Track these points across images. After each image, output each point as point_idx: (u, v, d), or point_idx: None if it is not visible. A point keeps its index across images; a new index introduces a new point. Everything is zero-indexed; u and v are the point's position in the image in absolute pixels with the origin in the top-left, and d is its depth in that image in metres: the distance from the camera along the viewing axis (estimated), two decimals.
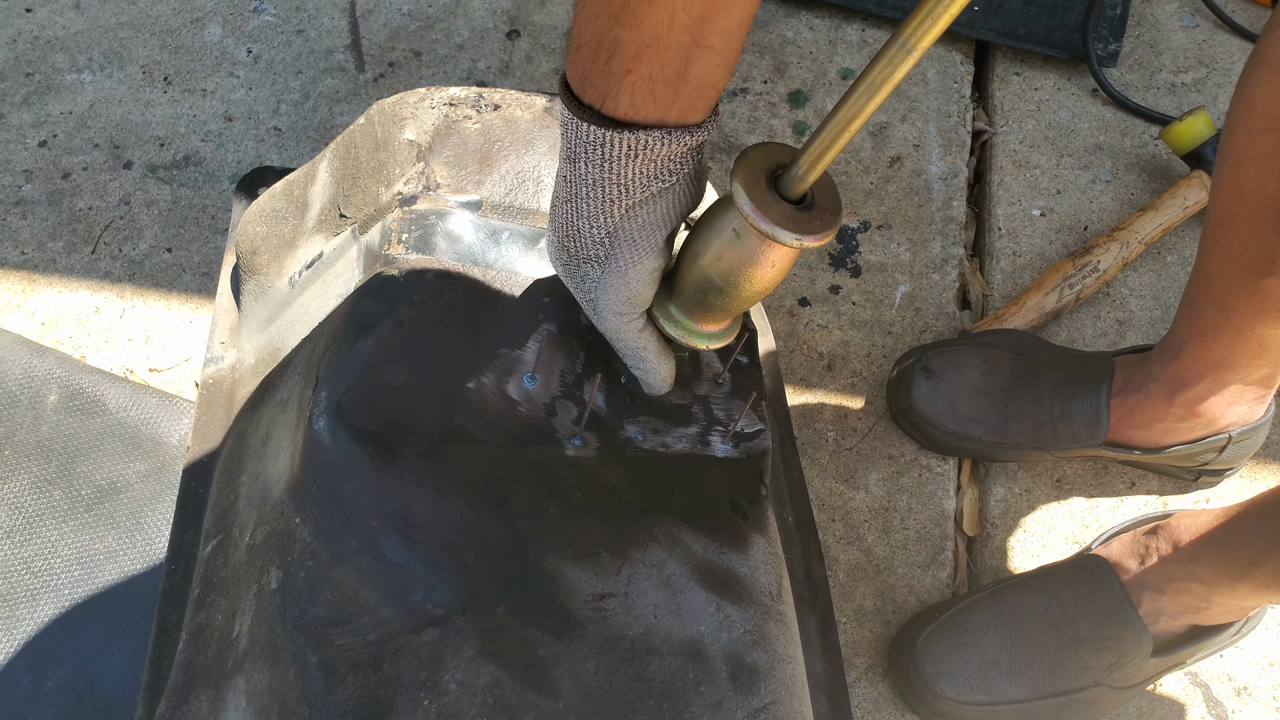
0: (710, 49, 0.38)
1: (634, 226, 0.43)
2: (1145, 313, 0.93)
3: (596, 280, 0.45)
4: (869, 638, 0.79)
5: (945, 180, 0.98)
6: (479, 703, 0.42)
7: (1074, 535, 0.84)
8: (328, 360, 0.47)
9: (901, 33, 0.35)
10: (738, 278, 0.43)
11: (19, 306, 0.88)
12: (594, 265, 0.45)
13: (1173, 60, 1.05)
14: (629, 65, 0.38)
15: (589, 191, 0.42)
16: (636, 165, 0.41)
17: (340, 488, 0.44)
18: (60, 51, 0.99)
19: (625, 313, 0.46)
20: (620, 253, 0.44)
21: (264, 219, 0.57)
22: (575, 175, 0.42)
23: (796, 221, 0.40)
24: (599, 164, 0.41)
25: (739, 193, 0.40)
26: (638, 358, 0.48)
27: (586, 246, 0.44)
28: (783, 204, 0.40)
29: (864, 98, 0.37)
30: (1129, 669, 0.72)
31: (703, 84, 0.40)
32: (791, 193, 0.41)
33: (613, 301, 0.45)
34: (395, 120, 0.54)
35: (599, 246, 0.44)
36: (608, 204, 0.42)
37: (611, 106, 0.40)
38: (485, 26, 1.03)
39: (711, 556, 0.47)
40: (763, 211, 0.40)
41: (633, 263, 0.44)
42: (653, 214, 0.43)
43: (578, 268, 0.45)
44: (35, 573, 0.78)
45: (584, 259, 0.45)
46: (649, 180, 0.42)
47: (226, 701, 0.45)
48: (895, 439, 0.86)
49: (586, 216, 0.43)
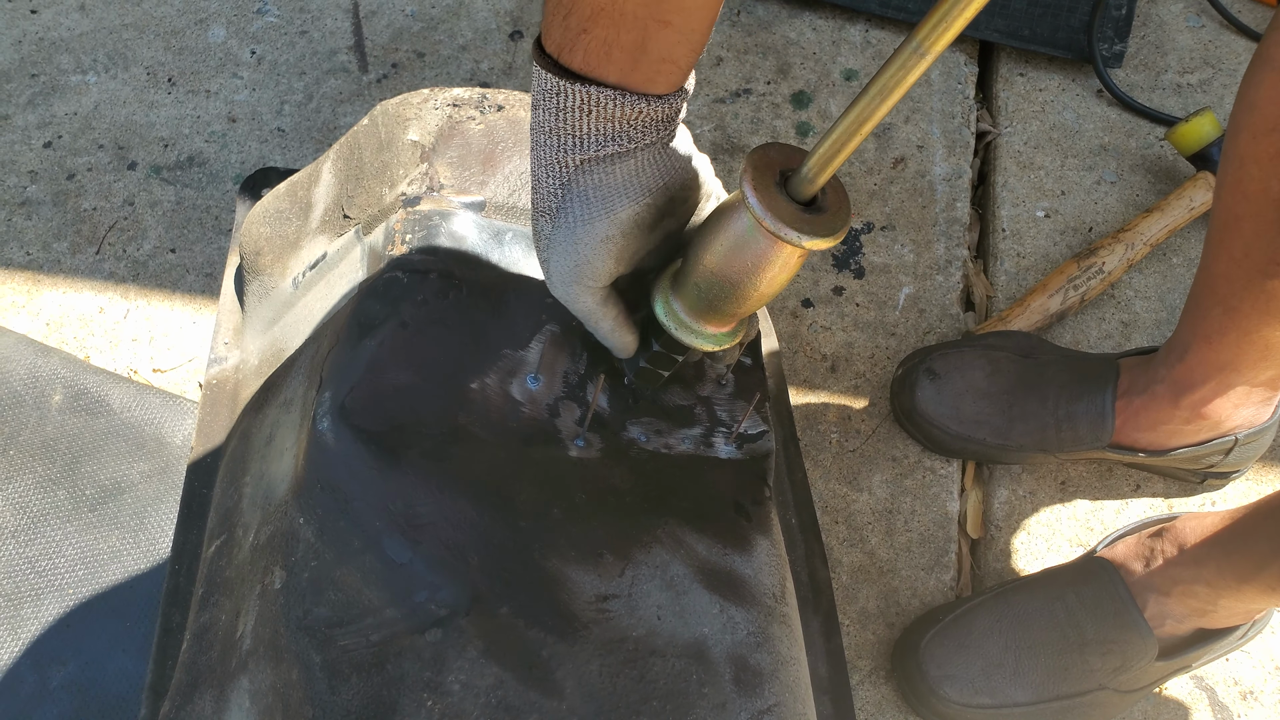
0: (667, 24, 0.39)
1: (588, 183, 0.43)
2: (1150, 314, 0.92)
3: (548, 237, 0.45)
4: (872, 640, 0.79)
5: (949, 181, 0.98)
6: (482, 704, 0.42)
7: (1078, 538, 0.84)
8: (332, 360, 0.47)
9: (915, 35, 0.35)
10: (745, 278, 0.43)
11: (24, 307, 0.88)
12: (546, 219, 0.45)
13: (1178, 61, 1.05)
14: (584, 24, 0.39)
15: (545, 140, 0.43)
16: (591, 121, 0.41)
17: (344, 488, 0.44)
18: (65, 53, 1.00)
19: (573, 282, 0.45)
20: (571, 207, 0.43)
21: (268, 220, 0.57)
22: (535, 122, 0.43)
23: (806, 223, 0.40)
24: (554, 112, 0.42)
25: (748, 192, 0.40)
26: (592, 326, 0.48)
27: (542, 198, 0.44)
28: (792, 205, 0.40)
29: (876, 100, 0.37)
30: (1134, 672, 0.72)
31: (662, 58, 0.40)
32: (801, 194, 0.40)
33: (561, 265, 0.45)
34: (399, 121, 0.54)
35: (552, 198, 0.44)
36: (562, 153, 0.43)
37: (568, 59, 0.41)
38: (488, 27, 1.03)
39: (715, 558, 0.47)
40: (772, 212, 0.40)
41: (582, 220, 0.43)
42: (609, 175, 0.43)
43: (535, 223, 0.46)
44: (40, 572, 0.78)
45: (538, 211, 0.45)
46: (605, 139, 0.42)
47: (230, 702, 0.45)
48: (899, 441, 0.86)
49: (544, 166, 0.43)
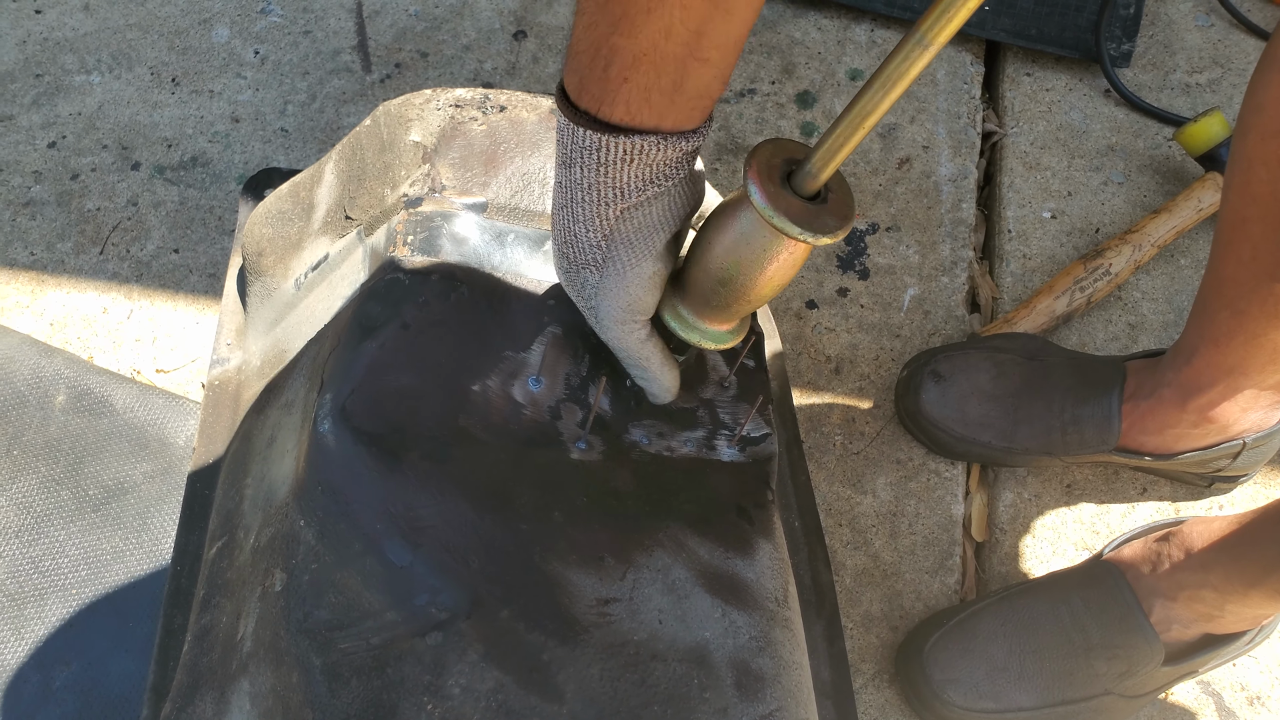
0: (706, 61, 0.39)
1: (630, 229, 0.43)
2: (1158, 316, 0.92)
3: (596, 285, 0.45)
4: (876, 643, 0.79)
5: (955, 182, 0.97)
6: (483, 707, 0.42)
7: (1084, 541, 0.84)
8: (333, 362, 0.47)
9: (919, 27, 0.34)
10: (749, 274, 0.43)
11: (28, 307, 0.88)
12: (592, 270, 0.45)
13: (1187, 60, 1.05)
14: (625, 73, 0.39)
15: (584, 195, 0.42)
16: (632, 170, 0.41)
17: (345, 490, 0.44)
18: (69, 53, 1.00)
19: (626, 320, 0.46)
20: (618, 255, 0.44)
21: (270, 221, 0.57)
22: (571, 180, 0.43)
23: (810, 217, 0.40)
24: (594, 168, 0.41)
25: (752, 188, 0.40)
26: (640, 368, 0.48)
27: (584, 251, 0.44)
28: (796, 200, 0.40)
29: (879, 93, 0.36)
30: (1140, 677, 0.71)
31: (698, 94, 0.40)
32: (805, 189, 0.40)
33: (613, 308, 0.45)
34: (401, 122, 0.54)
35: (596, 250, 0.44)
36: (603, 207, 0.42)
37: (608, 112, 0.40)
38: (492, 27, 1.03)
39: (717, 561, 0.47)
40: (776, 207, 0.39)
41: (630, 265, 0.44)
42: (649, 217, 0.43)
43: (577, 274, 0.46)
44: (43, 572, 0.78)
45: (582, 264, 0.45)
46: (644, 185, 0.42)
47: (231, 704, 0.45)
48: (903, 443, 0.86)
49: (583, 221, 0.43)
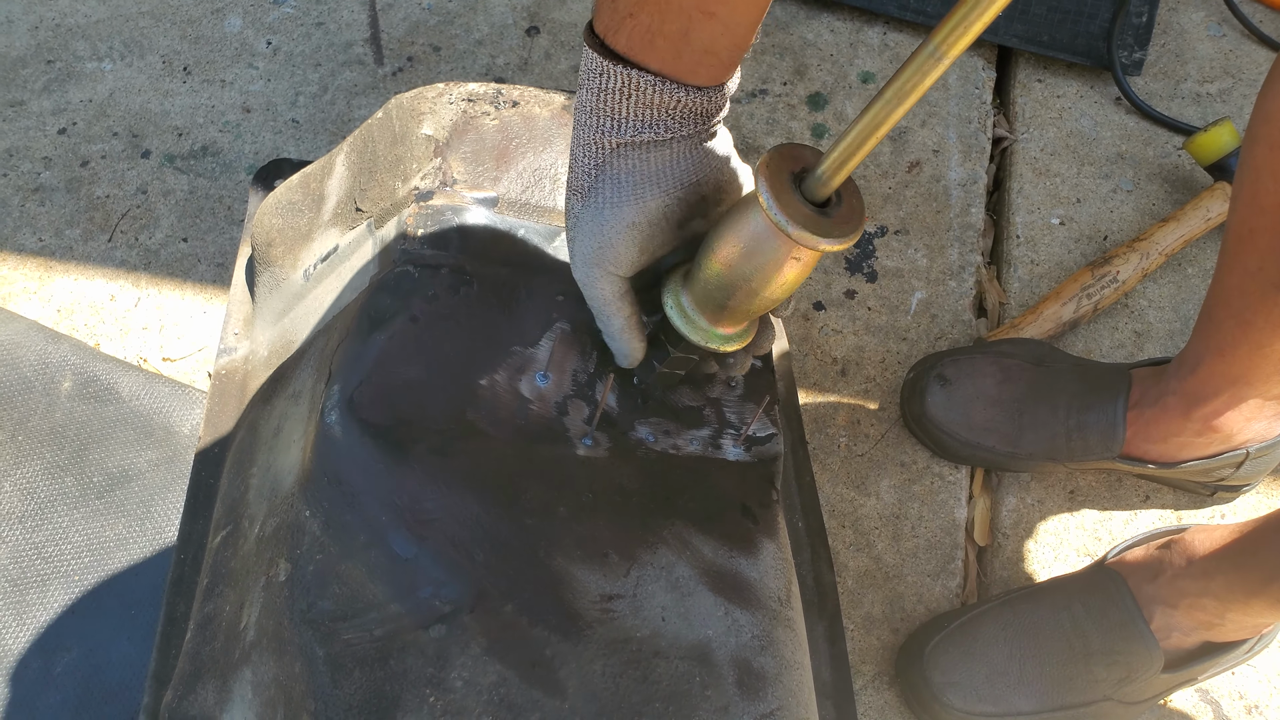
0: (711, 15, 0.40)
1: (622, 168, 0.44)
2: (1164, 325, 0.92)
3: (576, 215, 0.45)
4: (877, 645, 0.79)
5: (964, 186, 0.97)
6: (485, 701, 0.42)
7: (1086, 547, 0.84)
8: (341, 354, 0.47)
9: (932, 38, 0.34)
10: (757, 278, 0.43)
11: (35, 293, 0.89)
12: (578, 198, 0.45)
13: (1198, 70, 1.04)
14: (630, 9, 0.40)
15: (585, 119, 0.44)
16: (630, 105, 0.42)
17: (351, 482, 0.44)
18: (81, 39, 1.00)
19: (595, 264, 0.45)
20: (602, 189, 0.44)
21: (280, 211, 0.57)
22: (578, 101, 0.44)
23: (819, 224, 0.40)
24: (595, 92, 0.42)
25: (763, 193, 0.40)
26: (603, 321, 0.48)
27: (577, 176, 0.45)
28: (806, 206, 0.40)
29: (892, 103, 0.36)
30: (1139, 684, 0.71)
31: (704, 49, 0.41)
32: (815, 195, 0.40)
33: (585, 244, 0.45)
34: (413, 115, 0.54)
35: (586, 177, 0.45)
36: (600, 134, 0.43)
37: (613, 41, 0.42)
38: (505, 22, 1.03)
39: (721, 560, 0.47)
40: (786, 213, 0.40)
41: (612, 204, 0.44)
42: (643, 163, 0.43)
43: (567, 201, 0.46)
44: (46, 558, 0.78)
45: (573, 189, 0.46)
46: (642, 125, 0.43)
47: (233, 692, 0.45)
48: (908, 446, 0.86)
49: (581, 144, 0.44)
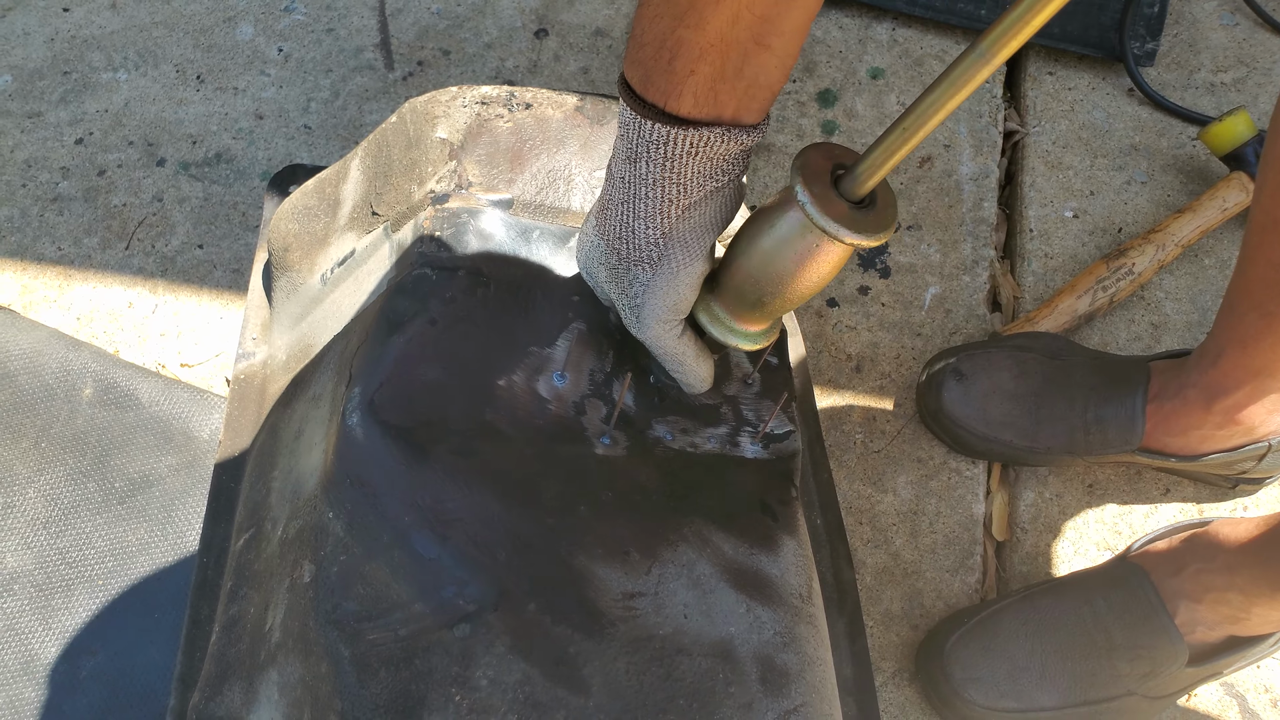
0: (769, 49, 0.39)
1: (687, 228, 0.43)
2: (1181, 316, 0.91)
3: (646, 283, 0.45)
4: (896, 641, 0.78)
5: (976, 181, 0.97)
6: (509, 699, 0.42)
7: (1106, 541, 0.83)
8: (361, 356, 0.47)
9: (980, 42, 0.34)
10: (791, 275, 0.43)
11: (55, 301, 0.89)
12: (645, 267, 0.45)
13: (1212, 59, 1.04)
14: (692, 65, 0.39)
15: (649, 191, 0.42)
16: (696, 164, 0.41)
17: (373, 483, 0.44)
18: (97, 50, 1.01)
19: (668, 319, 0.46)
20: (673, 254, 0.44)
21: (296, 216, 0.58)
22: (635, 175, 0.42)
23: (858, 222, 0.41)
24: (661, 163, 0.41)
25: (801, 190, 0.40)
26: (677, 362, 0.48)
27: (640, 249, 0.44)
28: (843, 203, 0.41)
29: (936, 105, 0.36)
30: (1163, 679, 0.71)
31: (758, 84, 0.40)
32: (851, 194, 0.41)
33: (658, 306, 0.45)
34: (427, 119, 0.54)
35: (653, 248, 0.44)
36: (666, 204, 0.42)
37: (675, 105, 0.40)
38: (513, 25, 1.03)
39: (741, 557, 0.47)
40: (826, 211, 0.40)
41: (684, 265, 0.44)
42: (705, 215, 0.43)
43: (627, 271, 0.45)
44: (70, 563, 0.79)
45: (635, 260, 0.45)
46: (705, 179, 0.42)
47: (259, 693, 0.45)
48: (924, 442, 0.86)
49: (643, 217, 0.43)
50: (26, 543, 0.79)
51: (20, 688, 0.75)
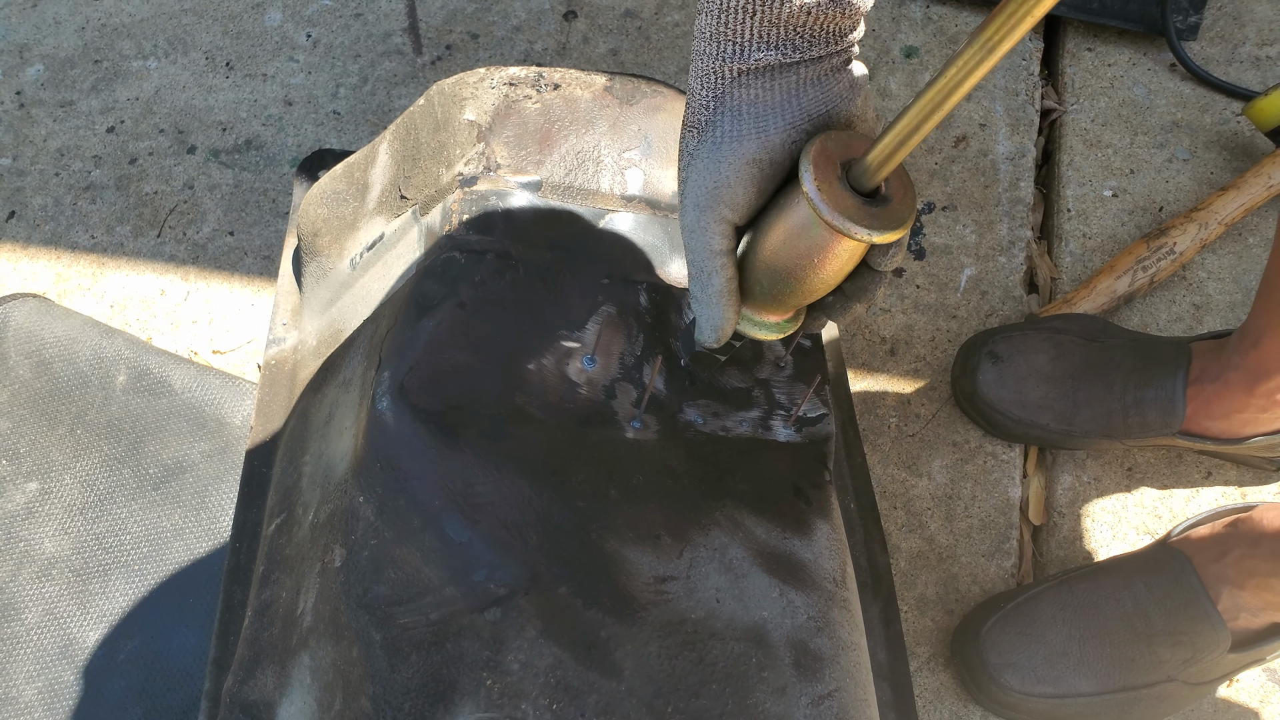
0: None
1: (742, 96, 0.40)
2: (1224, 297, 0.89)
3: (691, 153, 0.41)
4: (931, 626, 0.78)
5: (1012, 160, 0.95)
6: (541, 683, 0.42)
7: (1145, 526, 0.81)
8: (390, 340, 0.47)
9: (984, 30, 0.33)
10: (804, 270, 0.41)
11: (89, 289, 0.90)
12: (694, 134, 0.41)
13: (1257, 32, 1.00)
14: None
15: (705, 46, 0.40)
16: (754, 23, 0.39)
17: (403, 467, 0.44)
18: (127, 39, 1.01)
19: (708, 206, 0.41)
20: (721, 122, 0.40)
21: (325, 201, 0.58)
22: (698, 28, 0.41)
23: (869, 216, 0.38)
24: (715, 13, 0.39)
25: (808, 182, 0.38)
26: (701, 281, 0.43)
27: (694, 111, 0.42)
28: (854, 197, 0.39)
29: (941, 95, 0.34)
30: (1205, 664, 0.69)
31: None
32: (864, 185, 0.39)
33: (699, 184, 0.41)
34: (455, 101, 0.54)
35: (704, 110, 0.41)
36: (719, 62, 0.40)
37: None
38: (542, 8, 1.03)
39: (774, 541, 0.46)
40: (833, 205, 0.38)
41: (731, 136, 0.40)
42: (767, 91, 0.40)
43: (682, 139, 0.42)
44: (106, 548, 0.80)
45: (689, 125, 0.42)
46: (767, 45, 0.39)
47: (292, 677, 0.45)
48: (959, 425, 0.84)
49: (699, 76, 0.41)
50: (64, 528, 0.80)
51: (60, 671, 0.76)
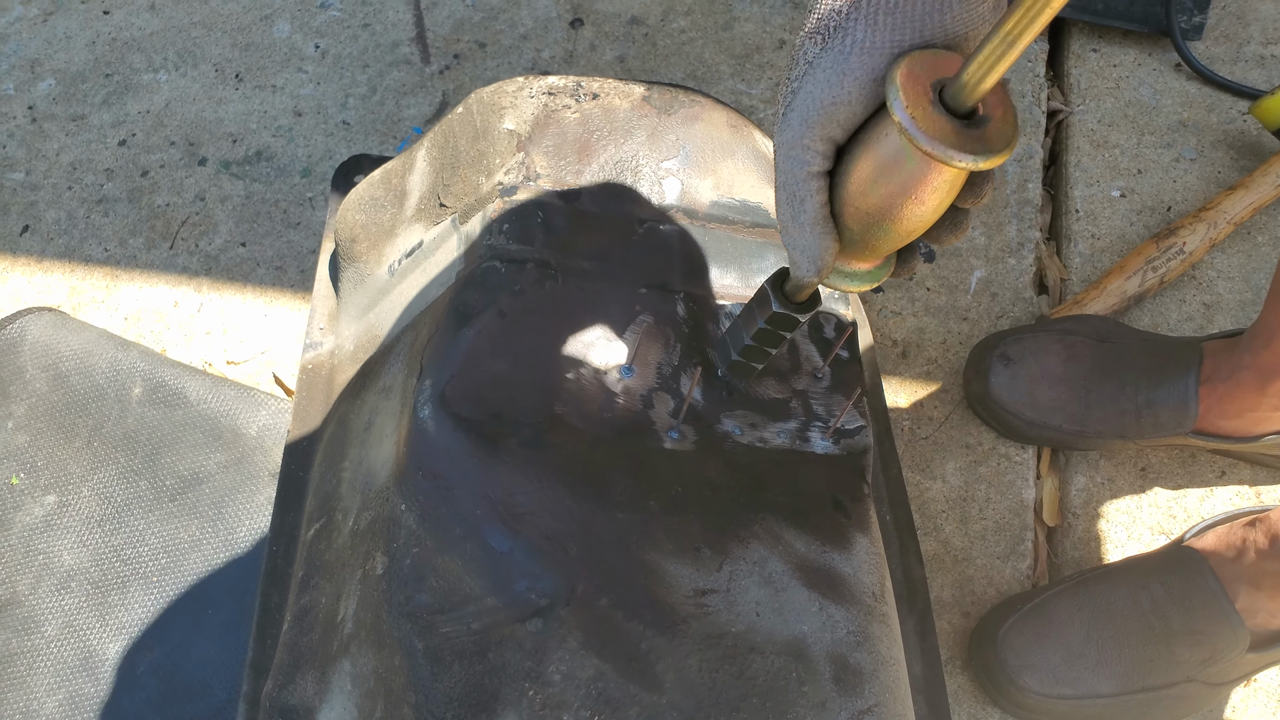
0: None
1: (881, 3, 0.35)
2: (1234, 295, 0.89)
3: (811, 62, 0.37)
4: (947, 629, 0.78)
5: (1020, 162, 0.96)
6: (583, 695, 0.42)
7: (1160, 525, 0.82)
8: (431, 349, 0.47)
9: None
10: (899, 207, 0.37)
11: (103, 302, 0.90)
12: (816, 40, 0.37)
13: (1261, 31, 1.01)
14: None
15: None
16: None
17: (445, 475, 0.44)
18: (137, 52, 1.01)
19: (821, 121, 0.37)
20: (854, 28, 0.36)
21: (363, 207, 0.58)
22: None
23: (969, 140, 0.34)
24: None
25: (899, 110, 0.34)
26: (798, 202, 0.39)
27: (822, 17, 0.37)
28: (951, 120, 0.34)
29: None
30: (1223, 665, 0.70)
31: None
32: (960, 106, 0.34)
33: (815, 94, 0.37)
34: (494, 110, 0.54)
35: (835, 15, 0.36)
36: None
37: None
38: (548, 16, 1.03)
39: (813, 555, 0.46)
40: (929, 131, 0.33)
41: (862, 47, 0.36)
42: (909, 1, 0.35)
43: (799, 49, 0.37)
44: (125, 560, 0.80)
45: (810, 32, 0.37)
46: None
47: (332, 683, 0.46)
48: (972, 427, 0.85)
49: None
50: (82, 541, 0.80)
51: (80, 683, 0.76)
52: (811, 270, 0.40)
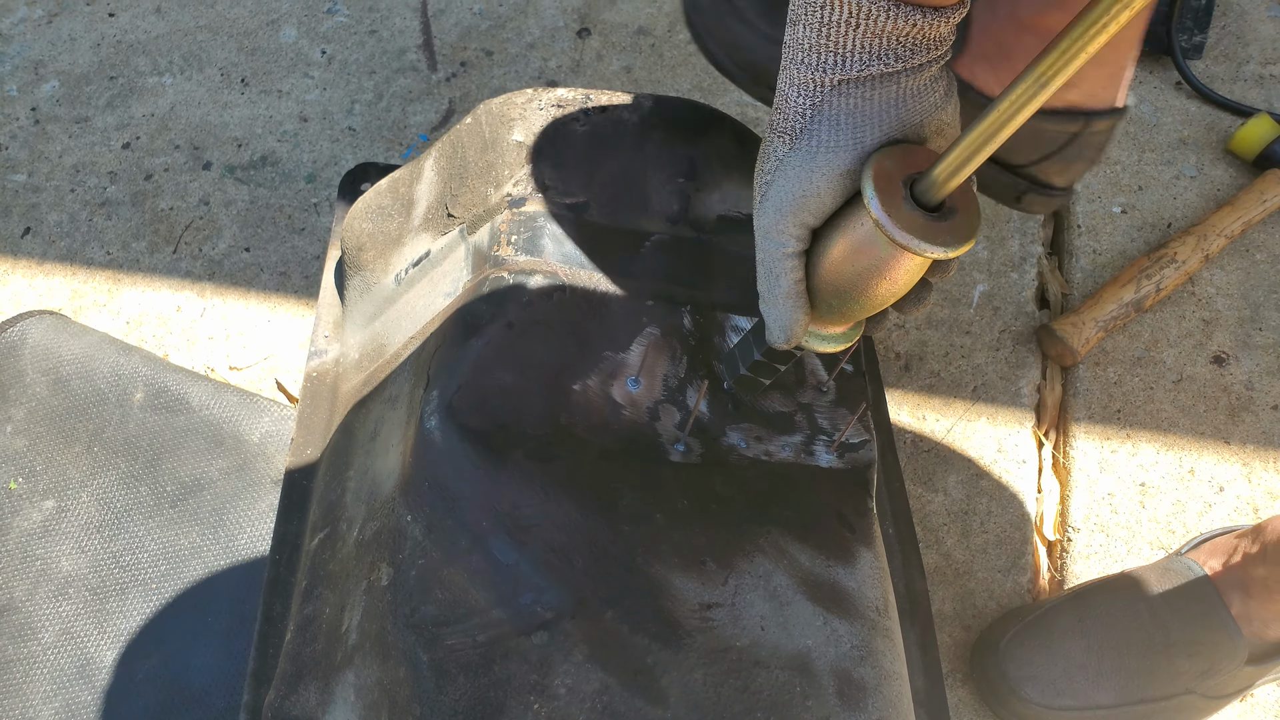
0: None
1: (841, 106, 0.38)
2: (1233, 312, 0.90)
3: (780, 159, 0.40)
4: (948, 642, 0.78)
5: None
6: (588, 708, 0.42)
7: (1160, 541, 0.82)
8: (439, 359, 0.47)
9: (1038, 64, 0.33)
10: (867, 285, 0.41)
11: (105, 306, 0.90)
12: (784, 140, 0.40)
13: (1260, 51, 1.02)
14: None
15: (802, 57, 0.39)
16: (857, 35, 0.37)
17: (451, 487, 0.44)
18: (142, 55, 1.01)
19: (790, 213, 0.40)
20: (818, 131, 0.39)
21: (370, 216, 0.58)
22: (793, 39, 0.39)
23: (934, 232, 0.38)
24: (816, 27, 0.38)
25: (870, 196, 0.38)
26: (773, 279, 0.42)
27: (786, 117, 0.40)
28: (918, 213, 0.38)
29: (1006, 114, 0.34)
30: (1223, 677, 0.70)
31: None
32: (928, 200, 0.38)
33: (785, 192, 0.40)
34: (503, 121, 0.54)
35: (799, 119, 0.39)
36: (819, 72, 0.38)
37: None
38: (556, 25, 1.03)
39: (818, 569, 0.46)
40: (898, 222, 0.37)
41: (827, 146, 0.39)
42: (866, 101, 0.38)
43: (768, 144, 0.41)
44: (124, 566, 0.79)
45: (778, 131, 0.40)
46: (869, 57, 0.38)
47: (335, 694, 0.45)
48: (974, 440, 0.85)
49: (795, 85, 0.39)
50: (81, 547, 0.80)
51: (77, 691, 0.75)
52: (782, 338, 0.44)
